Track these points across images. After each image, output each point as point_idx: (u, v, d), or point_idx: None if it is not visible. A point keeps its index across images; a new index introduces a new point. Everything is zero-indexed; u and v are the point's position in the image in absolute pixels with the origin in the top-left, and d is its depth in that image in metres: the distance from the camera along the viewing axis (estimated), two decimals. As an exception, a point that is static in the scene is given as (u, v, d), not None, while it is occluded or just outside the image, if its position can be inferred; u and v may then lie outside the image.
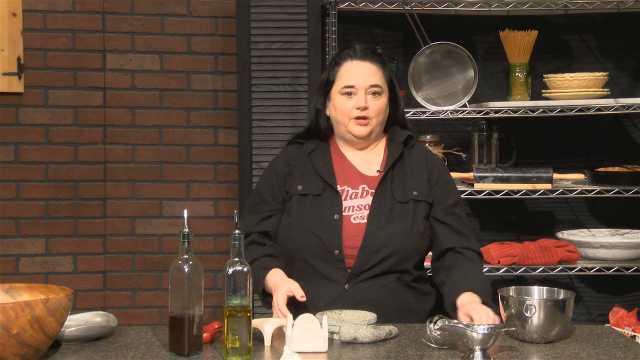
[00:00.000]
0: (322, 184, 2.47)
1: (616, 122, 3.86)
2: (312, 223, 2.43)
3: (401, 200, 2.45)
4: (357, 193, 2.47)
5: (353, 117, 2.47)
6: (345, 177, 2.49)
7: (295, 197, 2.48)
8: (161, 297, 3.89)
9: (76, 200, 3.84)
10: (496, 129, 3.66)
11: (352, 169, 2.51)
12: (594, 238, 3.57)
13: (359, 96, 2.46)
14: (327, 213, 2.43)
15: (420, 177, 2.49)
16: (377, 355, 2.02)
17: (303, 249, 2.43)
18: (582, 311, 3.86)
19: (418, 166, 2.51)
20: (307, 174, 2.50)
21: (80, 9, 3.82)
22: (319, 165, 2.50)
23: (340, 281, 2.41)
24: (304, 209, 2.46)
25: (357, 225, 2.43)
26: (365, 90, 2.46)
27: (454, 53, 3.52)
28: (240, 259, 2.02)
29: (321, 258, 2.42)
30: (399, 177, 2.48)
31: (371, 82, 2.47)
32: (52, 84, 3.81)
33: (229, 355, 1.97)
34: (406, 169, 2.50)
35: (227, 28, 3.88)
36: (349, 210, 2.44)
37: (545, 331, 2.12)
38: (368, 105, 2.46)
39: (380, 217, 2.42)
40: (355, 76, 2.47)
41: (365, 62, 2.48)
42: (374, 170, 2.50)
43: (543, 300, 2.15)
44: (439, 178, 2.52)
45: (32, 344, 1.90)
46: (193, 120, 3.90)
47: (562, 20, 3.85)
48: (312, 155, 2.53)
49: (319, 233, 2.41)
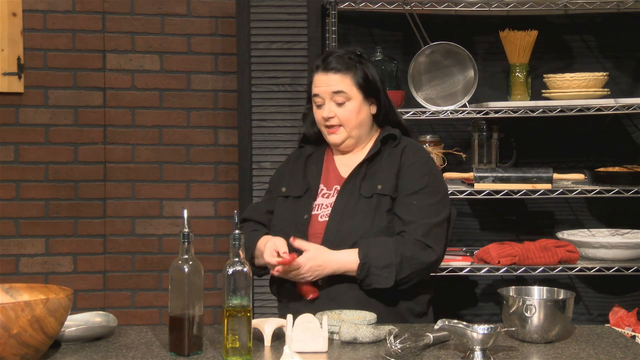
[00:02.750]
0: (306, 186, 2.56)
1: (616, 122, 3.86)
2: (286, 224, 2.52)
3: (366, 195, 2.48)
4: (329, 193, 2.54)
5: (323, 125, 2.55)
6: (326, 179, 2.58)
7: (280, 199, 2.59)
8: (161, 297, 3.89)
9: (76, 200, 3.84)
10: (496, 129, 3.66)
11: (334, 171, 2.59)
12: (594, 238, 3.57)
13: (325, 106, 2.53)
14: (299, 213, 2.51)
15: (389, 171, 2.51)
16: (377, 355, 2.02)
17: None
18: (582, 311, 3.86)
19: (392, 161, 2.54)
20: (297, 176, 2.60)
21: (80, 9, 3.82)
22: (311, 168, 2.59)
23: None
24: (284, 210, 2.56)
25: (322, 223, 2.49)
26: (330, 98, 2.52)
27: (454, 53, 3.52)
28: (240, 259, 2.02)
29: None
30: (370, 174, 2.52)
31: (333, 90, 2.51)
32: (52, 84, 3.81)
33: (229, 355, 1.97)
34: (382, 165, 2.53)
35: (227, 28, 3.88)
36: (317, 208, 2.52)
37: (545, 331, 2.12)
38: (333, 115, 2.52)
39: (342, 213, 2.47)
40: (318, 87, 2.54)
41: (328, 74, 2.53)
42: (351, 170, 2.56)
43: (543, 300, 2.15)
44: (406, 169, 2.49)
45: (32, 344, 1.90)
46: (193, 120, 3.90)
47: (562, 20, 3.85)
48: (308, 160, 2.62)
49: (289, 232, 2.47)
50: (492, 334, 1.97)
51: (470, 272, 3.42)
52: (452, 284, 3.65)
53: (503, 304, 2.17)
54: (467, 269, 3.40)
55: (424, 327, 2.26)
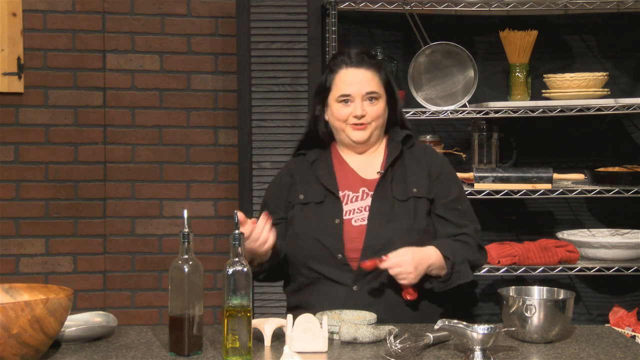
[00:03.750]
0: (324, 192, 2.49)
1: (616, 122, 3.86)
2: (315, 229, 2.45)
3: (401, 198, 2.46)
4: (357, 196, 2.49)
5: (350, 124, 2.49)
6: (346, 183, 2.51)
7: (298, 206, 2.51)
8: (161, 297, 3.89)
9: (76, 200, 3.84)
10: (496, 129, 3.66)
11: (352, 173, 2.53)
12: (594, 238, 3.57)
13: (356, 104, 2.48)
14: (328, 219, 2.45)
15: (420, 174, 2.50)
16: (377, 355, 2.02)
17: (308, 255, 2.45)
18: (582, 311, 3.86)
19: (418, 163, 2.52)
20: (310, 183, 2.53)
21: (80, 9, 3.82)
22: (321, 174, 2.52)
23: (348, 283, 2.42)
24: (306, 217, 2.48)
25: (358, 228, 2.44)
26: (362, 97, 2.48)
27: (454, 53, 3.52)
28: (240, 259, 2.02)
29: (327, 263, 2.43)
30: (399, 176, 2.49)
31: (367, 89, 2.48)
32: (52, 84, 3.81)
33: (229, 355, 1.97)
34: (406, 167, 2.51)
35: (227, 28, 3.88)
36: (349, 213, 2.46)
37: (545, 331, 2.12)
38: (365, 113, 2.48)
39: (381, 216, 2.43)
40: (350, 84, 2.48)
41: (360, 69, 2.49)
42: (374, 172, 2.52)
43: (543, 300, 2.15)
44: (439, 174, 2.52)
45: (32, 344, 1.90)
46: (193, 120, 3.90)
47: (562, 20, 3.85)
48: (314, 165, 2.55)
49: (321, 239, 2.43)
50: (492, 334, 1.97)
51: (470, 272, 3.41)
52: (452, 284, 3.65)
53: (503, 304, 2.17)
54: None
55: (424, 327, 2.26)
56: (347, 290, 2.41)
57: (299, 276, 2.50)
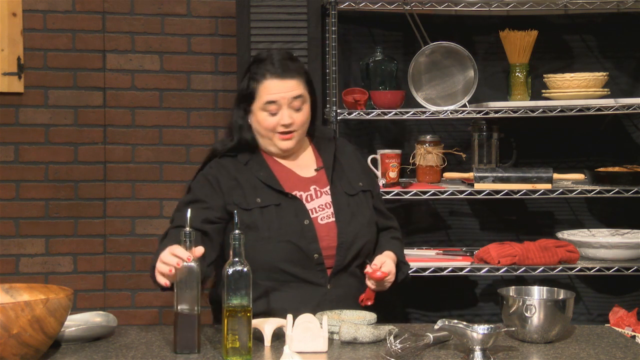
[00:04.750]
0: (275, 194, 2.45)
1: (616, 122, 3.86)
2: (285, 232, 2.41)
3: (351, 193, 2.52)
4: (311, 195, 2.49)
5: (278, 132, 2.47)
6: (292, 183, 2.49)
7: (256, 210, 2.43)
8: (161, 297, 3.88)
9: (76, 200, 3.84)
10: (496, 129, 3.66)
11: (292, 173, 2.52)
12: (594, 238, 3.57)
13: (283, 112, 2.45)
14: (295, 220, 2.43)
15: (357, 168, 2.59)
16: (377, 355, 2.02)
17: (281, 258, 2.41)
18: (582, 311, 3.86)
19: (349, 158, 2.59)
20: (256, 186, 2.46)
21: (80, 9, 3.82)
22: (261, 175, 2.47)
23: (322, 283, 2.43)
24: (271, 219, 2.42)
25: (326, 225, 2.45)
26: (288, 105, 2.46)
27: (454, 53, 3.52)
28: (240, 259, 2.02)
29: (301, 265, 2.41)
30: (338, 172, 2.54)
31: (293, 95, 2.45)
32: (52, 84, 3.81)
33: (229, 355, 1.98)
34: (342, 163, 2.56)
35: (227, 28, 3.88)
36: (313, 212, 2.46)
37: (545, 331, 2.12)
38: (293, 121, 2.46)
39: (344, 212, 2.48)
40: (276, 94, 2.45)
41: (285, 80, 2.46)
42: (311, 170, 2.54)
43: (543, 300, 2.15)
44: (368, 167, 2.68)
45: (32, 344, 1.90)
46: (193, 120, 3.90)
47: (562, 20, 3.85)
48: (249, 167, 2.49)
49: (295, 240, 2.41)
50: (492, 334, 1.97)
51: (470, 272, 3.42)
52: (452, 284, 3.65)
53: (503, 304, 2.17)
54: (467, 269, 3.40)
55: (423, 327, 2.26)
56: (321, 290, 2.41)
57: (265, 282, 2.40)
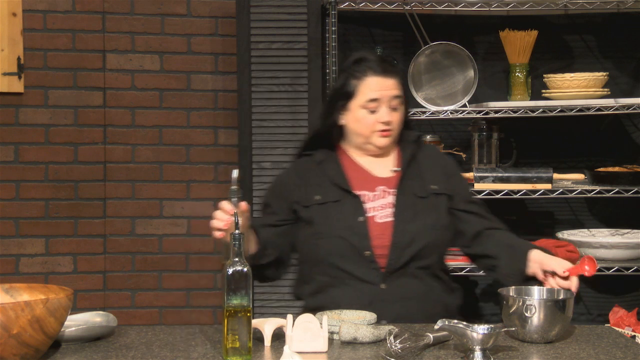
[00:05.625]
0: (339, 191, 2.50)
1: (616, 122, 3.86)
2: (338, 228, 2.45)
3: (422, 195, 2.49)
4: (376, 195, 2.50)
5: (377, 130, 2.50)
6: (361, 182, 2.52)
7: (314, 207, 2.50)
8: (161, 297, 3.88)
9: (76, 200, 3.84)
10: (496, 129, 3.66)
11: (365, 173, 2.54)
12: (594, 238, 3.57)
13: (383, 111, 2.49)
14: (351, 217, 2.46)
15: (436, 171, 2.55)
16: (377, 355, 2.02)
17: (333, 254, 2.45)
18: (582, 311, 3.86)
19: (432, 162, 2.57)
20: (322, 184, 2.53)
21: (80, 9, 3.82)
22: (331, 174, 2.52)
23: (376, 281, 2.42)
24: (326, 216, 2.48)
25: (382, 224, 2.45)
26: (389, 104, 2.50)
27: (454, 53, 3.52)
28: (240, 259, 2.02)
29: (353, 261, 2.43)
30: (414, 175, 2.53)
31: (394, 94, 2.50)
32: (52, 84, 3.81)
33: (229, 355, 1.97)
34: (420, 166, 2.55)
35: (227, 28, 3.88)
36: (371, 211, 2.47)
37: (545, 331, 2.12)
38: (391, 119, 2.50)
39: (405, 213, 2.46)
40: (378, 90, 2.49)
41: (387, 78, 2.51)
42: (387, 171, 2.54)
43: (543, 300, 2.15)
44: (453, 172, 2.61)
45: (32, 344, 1.90)
46: (193, 120, 3.90)
47: (562, 20, 3.85)
48: (322, 165, 2.55)
49: (347, 237, 2.43)
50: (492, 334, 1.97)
51: (470, 272, 3.42)
52: (452, 284, 3.65)
53: (503, 304, 2.17)
54: (467, 269, 3.40)
55: (423, 327, 2.26)
56: (374, 288, 2.42)
57: (321, 277, 2.48)
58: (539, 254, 2.38)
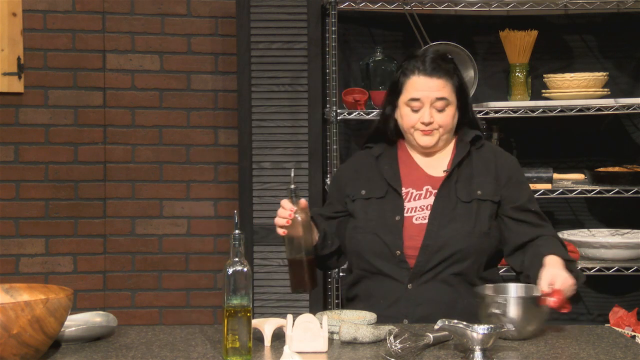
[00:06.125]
0: (386, 187, 2.49)
1: (616, 122, 3.86)
2: (375, 225, 2.45)
3: (465, 199, 2.44)
4: (420, 194, 2.48)
5: (418, 129, 2.48)
6: (410, 179, 2.51)
7: (359, 201, 2.50)
8: (161, 297, 3.88)
9: (76, 200, 3.84)
10: (496, 129, 3.66)
11: (418, 170, 2.52)
12: (594, 238, 3.57)
13: (424, 110, 2.46)
14: (389, 215, 2.45)
15: (486, 176, 2.48)
16: (377, 355, 2.02)
17: (367, 249, 2.46)
18: (582, 311, 3.86)
19: (485, 165, 2.50)
20: (373, 178, 2.52)
21: (80, 9, 3.82)
22: (385, 169, 2.52)
23: (403, 280, 2.42)
24: (367, 211, 2.48)
25: (418, 226, 2.43)
26: (431, 104, 2.46)
27: (454, 53, 3.52)
28: (240, 258, 2.01)
29: (384, 258, 2.43)
30: (464, 177, 2.48)
31: (437, 96, 2.46)
32: (52, 84, 3.81)
33: (229, 355, 1.97)
34: (473, 168, 2.49)
35: (227, 28, 3.88)
36: (410, 211, 2.46)
37: (522, 327, 2.12)
38: (433, 120, 2.46)
39: (442, 216, 2.42)
40: (420, 91, 2.46)
41: (432, 78, 2.47)
42: (440, 171, 2.50)
43: (515, 297, 2.17)
44: (509, 177, 2.49)
45: (32, 344, 1.90)
46: (193, 120, 3.90)
47: (562, 20, 3.85)
48: (379, 159, 2.55)
49: (381, 234, 2.43)
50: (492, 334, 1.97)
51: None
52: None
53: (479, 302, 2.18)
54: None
55: (423, 327, 2.26)
56: (401, 287, 2.41)
57: (357, 269, 2.50)
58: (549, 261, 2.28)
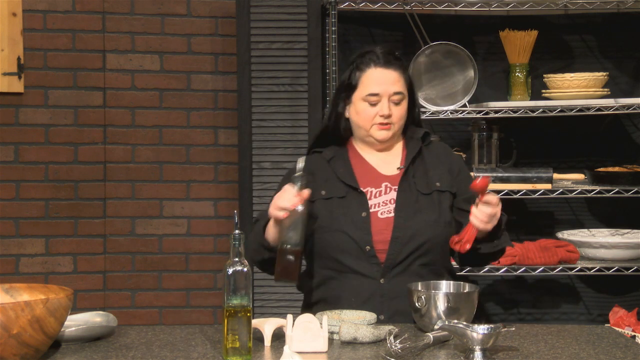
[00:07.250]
0: (345, 188, 2.50)
1: (616, 122, 3.86)
2: (341, 222, 2.46)
3: (425, 192, 2.49)
4: (380, 191, 2.51)
5: (376, 123, 2.50)
6: (367, 179, 2.53)
7: (320, 201, 2.50)
8: (161, 297, 3.88)
9: (76, 200, 3.84)
10: (496, 129, 3.66)
11: (372, 170, 2.55)
12: (594, 238, 3.57)
13: (382, 104, 2.49)
14: (354, 212, 2.46)
15: (441, 169, 2.54)
16: (377, 355, 2.02)
17: (335, 248, 2.46)
18: (582, 311, 3.86)
19: (437, 160, 2.56)
20: (330, 180, 2.53)
21: (80, 9, 3.82)
22: (340, 171, 2.53)
23: (375, 276, 2.43)
24: (331, 210, 2.49)
25: (385, 220, 2.46)
26: (389, 97, 2.49)
27: (454, 53, 3.52)
28: (240, 259, 2.02)
29: (354, 255, 2.44)
30: (420, 172, 2.52)
31: (395, 90, 2.50)
32: (52, 84, 3.81)
33: (229, 355, 1.98)
34: (426, 163, 2.54)
35: (227, 28, 3.88)
36: (375, 207, 2.48)
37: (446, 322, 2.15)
38: (391, 113, 2.49)
39: (407, 209, 2.46)
40: (379, 84, 2.49)
41: (389, 70, 2.51)
42: (394, 169, 2.54)
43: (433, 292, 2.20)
44: (459, 170, 2.57)
45: (32, 344, 1.90)
46: (193, 120, 3.90)
47: (562, 20, 3.85)
48: (331, 162, 2.56)
49: (349, 231, 2.44)
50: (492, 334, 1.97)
51: (470, 271, 3.42)
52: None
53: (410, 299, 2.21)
54: (467, 269, 3.40)
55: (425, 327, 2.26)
56: (374, 283, 2.42)
57: (323, 270, 2.49)
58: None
